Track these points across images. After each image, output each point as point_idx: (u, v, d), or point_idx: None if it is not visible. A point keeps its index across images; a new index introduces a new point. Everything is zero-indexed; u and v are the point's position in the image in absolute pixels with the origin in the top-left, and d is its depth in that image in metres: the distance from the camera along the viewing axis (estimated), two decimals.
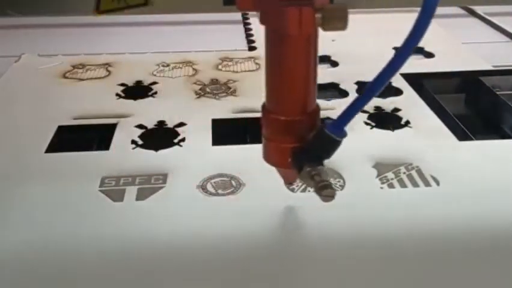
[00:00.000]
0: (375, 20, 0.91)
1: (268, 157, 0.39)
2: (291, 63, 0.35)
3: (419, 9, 0.29)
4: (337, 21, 0.32)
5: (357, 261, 0.37)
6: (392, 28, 0.85)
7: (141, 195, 0.43)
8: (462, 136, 0.53)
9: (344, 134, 0.35)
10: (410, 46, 0.30)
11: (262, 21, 0.34)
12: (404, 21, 0.33)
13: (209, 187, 0.44)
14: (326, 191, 0.34)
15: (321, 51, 0.68)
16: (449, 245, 0.38)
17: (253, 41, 0.80)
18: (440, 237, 0.39)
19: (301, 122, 0.36)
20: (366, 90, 0.33)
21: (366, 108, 0.58)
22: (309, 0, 0.32)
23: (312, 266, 0.37)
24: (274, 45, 0.35)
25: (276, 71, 0.35)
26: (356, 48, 0.76)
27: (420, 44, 0.29)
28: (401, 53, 0.31)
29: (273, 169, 0.47)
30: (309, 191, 0.44)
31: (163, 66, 0.70)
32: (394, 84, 0.64)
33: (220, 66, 0.70)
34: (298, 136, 0.36)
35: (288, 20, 0.32)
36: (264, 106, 0.37)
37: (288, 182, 0.42)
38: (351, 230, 0.40)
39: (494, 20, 0.90)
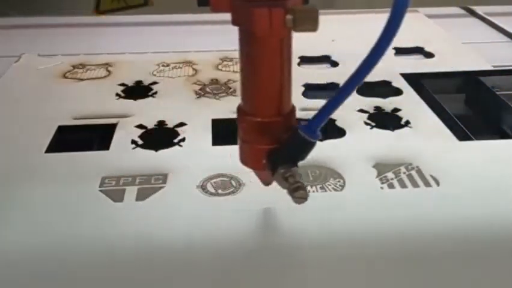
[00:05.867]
0: (375, 20, 0.91)
1: (243, 159, 0.39)
2: (266, 65, 0.34)
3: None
4: (308, 22, 0.31)
5: (357, 261, 0.37)
6: None
7: (141, 195, 0.43)
8: (462, 136, 0.53)
9: (317, 136, 0.35)
10: (383, 46, 0.30)
11: (234, 23, 0.34)
12: (404, 21, 0.33)
13: (209, 187, 0.44)
14: (298, 192, 0.34)
15: (321, 51, 0.68)
16: (449, 245, 0.38)
17: None
18: (440, 238, 0.39)
19: (277, 123, 0.36)
20: (339, 91, 0.32)
21: (366, 108, 0.58)
22: (281, 1, 0.31)
23: (312, 265, 0.37)
24: (247, 47, 0.34)
25: (250, 73, 0.35)
26: (356, 48, 0.75)
27: (421, 44, 0.29)
28: (375, 52, 0.30)
29: None
30: (308, 191, 0.44)
31: (163, 66, 0.70)
32: (394, 84, 0.64)
33: (220, 66, 0.70)
34: (273, 137, 0.36)
35: (257, 21, 0.31)
36: (239, 108, 0.37)
37: (266, 184, 0.41)
38: (351, 230, 0.40)
39: (494, 20, 0.90)
